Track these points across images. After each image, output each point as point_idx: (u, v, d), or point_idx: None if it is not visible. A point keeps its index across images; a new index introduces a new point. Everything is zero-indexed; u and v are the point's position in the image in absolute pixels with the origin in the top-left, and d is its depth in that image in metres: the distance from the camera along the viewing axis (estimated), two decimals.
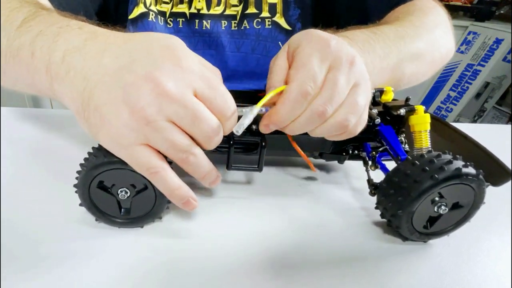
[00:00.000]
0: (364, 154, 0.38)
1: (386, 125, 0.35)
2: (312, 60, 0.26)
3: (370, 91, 0.29)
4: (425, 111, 0.34)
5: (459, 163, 0.28)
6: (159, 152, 0.25)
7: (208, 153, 0.28)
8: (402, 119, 0.35)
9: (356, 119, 0.28)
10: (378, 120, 0.34)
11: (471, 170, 0.28)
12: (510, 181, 0.32)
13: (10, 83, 0.32)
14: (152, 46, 0.24)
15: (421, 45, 0.38)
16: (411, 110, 0.33)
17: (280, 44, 0.52)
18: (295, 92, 0.26)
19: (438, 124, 0.38)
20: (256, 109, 0.26)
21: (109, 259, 0.28)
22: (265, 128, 0.28)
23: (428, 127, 0.33)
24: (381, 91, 0.37)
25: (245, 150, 0.36)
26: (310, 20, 0.53)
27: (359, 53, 0.30)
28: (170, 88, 0.23)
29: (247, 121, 0.26)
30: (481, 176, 0.28)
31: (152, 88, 0.23)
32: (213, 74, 0.27)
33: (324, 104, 0.26)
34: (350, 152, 0.38)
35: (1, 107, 0.50)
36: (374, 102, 0.37)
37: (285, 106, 0.26)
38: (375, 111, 0.35)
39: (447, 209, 0.30)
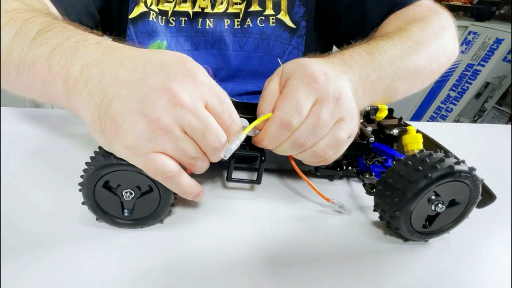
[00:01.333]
0: (358, 169, 0.39)
1: (379, 143, 0.36)
2: (298, 93, 0.27)
3: (357, 124, 0.30)
4: (417, 131, 0.35)
5: (451, 161, 0.28)
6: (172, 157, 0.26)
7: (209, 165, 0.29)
8: (395, 139, 0.36)
9: (334, 151, 0.30)
10: (372, 139, 0.35)
11: (463, 167, 0.28)
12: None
13: (22, 92, 0.32)
14: (166, 60, 0.25)
15: (420, 63, 0.38)
16: (404, 131, 0.35)
17: (279, 61, 0.52)
18: (278, 122, 0.27)
19: (427, 142, 0.39)
20: (243, 135, 0.28)
21: (109, 258, 0.28)
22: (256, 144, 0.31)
23: (421, 146, 0.34)
24: (375, 109, 0.37)
25: (245, 163, 0.37)
26: (314, 18, 0.52)
27: (352, 79, 0.31)
28: (185, 99, 0.24)
29: (234, 146, 0.27)
30: (474, 172, 0.29)
31: (168, 99, 0.24)
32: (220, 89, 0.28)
33: (306, 135, 0.28)
34: (344, 168, 0.39)
35: (1, 107, 0.51)
36: (369, 120, 0.38)
37: (268, 133, 0.28)
38: (369, 129, 0.36)
39: (444, 207, 0.30)
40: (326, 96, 0.27)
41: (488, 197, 0.33)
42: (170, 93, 0.24)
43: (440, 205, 0.30)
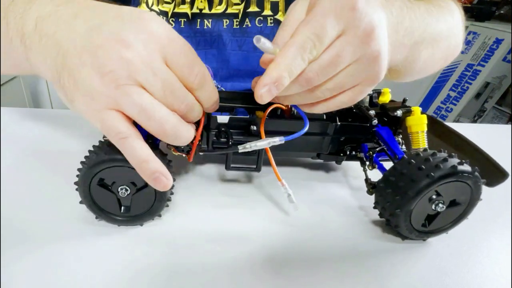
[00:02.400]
0: (361, 154, 0.38)
1: (383, 126, 0.36)
2: (326, 17, 0.23)
3: (382, 70, 0.26)
4: (422, 112, 0.34)
5: (454, 161, 0.28)
6: (131, 120, 0.25)
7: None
8: (399, 120, 0.35)
9: (330, 94, 0.26)
10: (375, 122, 0.35)
11: (466, 167, 0.28)
12: (508, 181, 0.32)
13: None
14: (122, 11, 0.24)
15: (443, 28, 0.37)
16: (408, 111, 0.34)
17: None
18: (294, 45, 0.23)
19: (435, 125, 0.38)
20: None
21: (109, 257, 0.28)
22: (262, 93, 0.24)
23: (425, 128, 0.33)
24: (378, 92, 0.37)
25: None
26: None
27: (390, 18, 0.27)
28: (138, 51, 0.23)
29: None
30: (476, 173, 0.29)
31: (120, 50, 0.22)
32: (186, 42, 0.25)
33: (316, 71, 0.24)
34: (348, 152, 0.38)
35: (1, 107, 0.50)
36: (372, 103, 0.37)
37: (286, 55, 0.24)
38: (372, 112, 0.35)
39: (444, 206, 0.30)
40: (356, 29, 0.23)
41: (500, 174, 0.32)
42: (123, 44, 0.22)
43: (440, 205, 0.30)
